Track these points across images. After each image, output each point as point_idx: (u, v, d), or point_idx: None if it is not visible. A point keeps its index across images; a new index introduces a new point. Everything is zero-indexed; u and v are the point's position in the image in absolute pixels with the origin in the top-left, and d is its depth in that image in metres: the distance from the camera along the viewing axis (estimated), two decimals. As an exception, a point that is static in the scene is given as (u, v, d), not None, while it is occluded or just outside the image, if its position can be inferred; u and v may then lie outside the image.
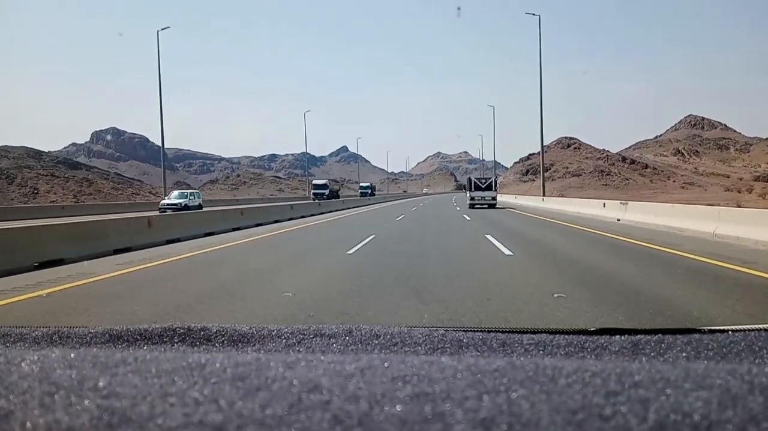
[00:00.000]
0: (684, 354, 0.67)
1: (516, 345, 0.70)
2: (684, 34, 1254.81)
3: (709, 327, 0.81)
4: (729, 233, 11.28)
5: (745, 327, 0.78)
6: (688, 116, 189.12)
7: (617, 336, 0.72)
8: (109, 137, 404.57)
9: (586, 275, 7.27)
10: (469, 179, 38.22)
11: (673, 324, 4.42)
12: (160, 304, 5.88)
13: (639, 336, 0.72)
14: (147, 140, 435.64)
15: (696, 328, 0.79)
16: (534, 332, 0.76)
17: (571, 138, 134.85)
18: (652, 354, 0.67)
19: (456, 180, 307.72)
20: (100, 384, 0.48)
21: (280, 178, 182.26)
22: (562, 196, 77.98)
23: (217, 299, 6.09)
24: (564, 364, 0.53)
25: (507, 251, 10.14)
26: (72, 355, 0.57)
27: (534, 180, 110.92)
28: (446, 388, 0.46)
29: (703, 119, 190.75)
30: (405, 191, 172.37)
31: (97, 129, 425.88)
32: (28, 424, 0.40)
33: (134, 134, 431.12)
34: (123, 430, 0.39)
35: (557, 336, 0.73)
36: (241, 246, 12.28)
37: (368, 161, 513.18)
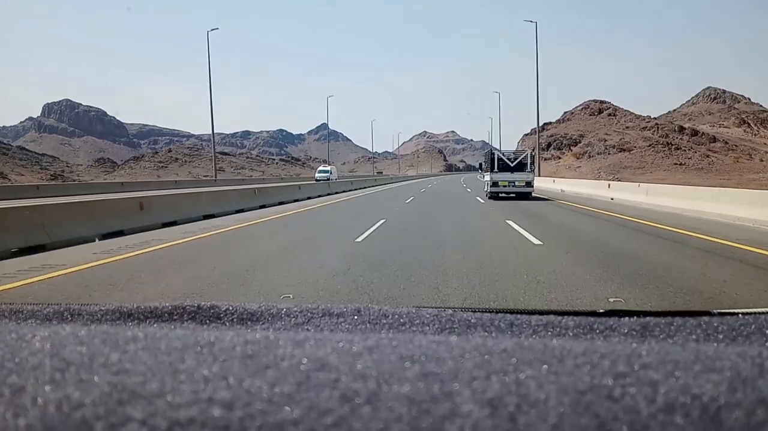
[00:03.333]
0: (693, 336, 0.66)
1: (524, 325, 0.70)
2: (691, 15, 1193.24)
3: (719, 310, 0.81)
4: None
5: (756, 309, 0.78)
6: (707, 88, 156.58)
7: (626, 318, 0.72)
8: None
9: None
10: (490, 154, 23.91)
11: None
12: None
13: (648, 318, 0.72)
14: (105, 113, 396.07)
15: (706, 311, 0.79)
16: (542, 313, 0.76)
17: (602, 102, 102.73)
18: (662, 336, 0.67)
19: (445, 160, 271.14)
20: (111, 360, 0.48)
21: (226, 154, 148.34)
22: (617, 179, 47.41)
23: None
24: (572, 345, 0.53)
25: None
26: (82, 332, 0.58)
27: (560, 158, 78.82)
28: (454, 368, 0.46)
29: (724, 91, 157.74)
30: (380, 173, 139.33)
31: (49, 101, 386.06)
32: (40, 400, 0.41)
33: (90, 106, 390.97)
34: (133, 406, 0.39)
35: (566, 317, 0.73)
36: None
37: (350, 140, 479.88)
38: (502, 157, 23.62)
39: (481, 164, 28.81)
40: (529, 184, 22.91)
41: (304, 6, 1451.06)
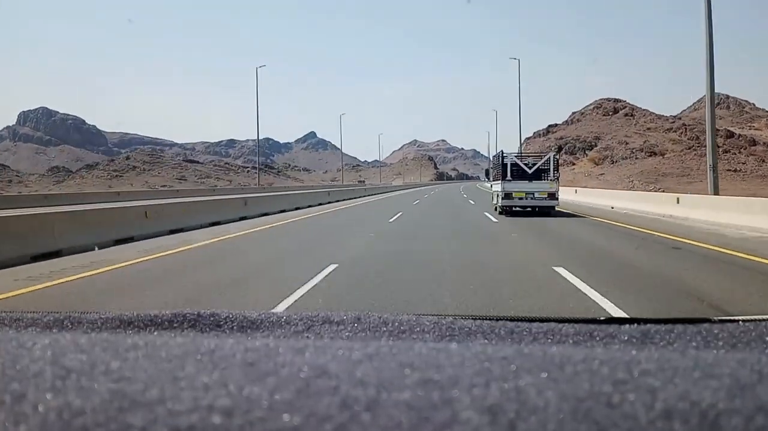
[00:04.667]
0: (693, 344, 0.66)
1: (524, 333, 0.69)
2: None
3: (719, 317, 0.80)
4: None
5: (756, 317, 0.77)
6: (716, 95, 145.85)
7: (626, 325, 0.72)
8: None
9: None
10: (500, 158, 19.24)
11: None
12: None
13: (648, 326, 0.71)
14: (83, 121, 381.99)
15: (706, 318, 0.79)
16: (542, 320, 0.76)
17: (617, 100, 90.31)
18: (662, 343, 0.67)
19: (436, 167, 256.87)
20: (111, 368, 0.48)
21: (194, 161, 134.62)
22: (660, 190, 33.51)
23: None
24: (572, 352, 0.52)
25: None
26: (83, 340, 0.58)
27: (574, 164, 66.13)
28: (454, 375, 0.46)
29: (727, 96, 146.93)
30: (361, 182, 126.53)
31: (25, 109, 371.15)
32: (40, 407, 0.41)
33: (67, 114, 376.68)
34: (133, 414, 0.39)
35: (566, 324, 0.72)
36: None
37: (338, 149, 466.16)
38: (518, 162, 18.87)
39: (488, 171, 23.15)
40: (553, 196, 18.44)
41: (293, 13, 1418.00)
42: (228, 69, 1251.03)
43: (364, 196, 42.12)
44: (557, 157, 19.73)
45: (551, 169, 18.58)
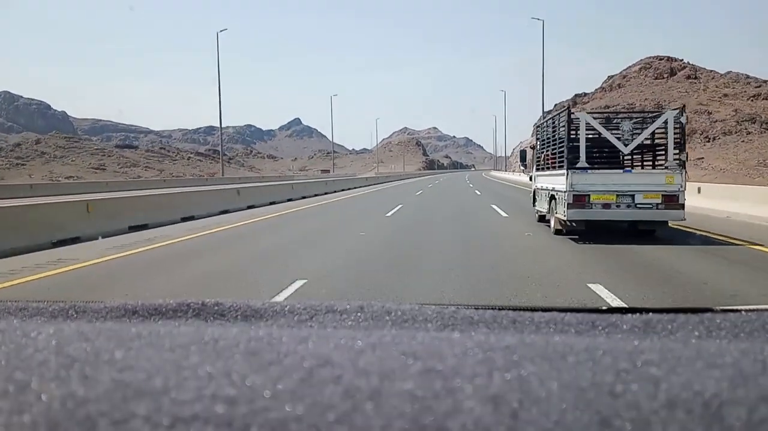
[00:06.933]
0: (696, 333, 0.66)
1: (527, 322, 0.70)
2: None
3: (722, 307, 0.80)
4: None
5: (759, 306, 0.78)
6: (728, 73, 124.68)
7: (628, 315, 0.72)
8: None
9: None
10: (567, 122, 9.22)
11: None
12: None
13: (650, 315, 0.72)
14: (48, 106, 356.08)
15: (709, 307, 0.79)
16: (545, 310, 0.76)
17: (672, 59, 68.65)
18: (664, 332, 0.67)
19: (425, 154, 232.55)
20: (115, 357, 0.48)
21: (129, 147, 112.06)
22: None
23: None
24: (574, 342, 0.53)
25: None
26: (87, 329, 0.58)
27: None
28: (456, 364, 0.46)
29: (747, 75, 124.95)
30: (326, 171, 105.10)
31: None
32: (45, 396, 0.41)
33: (31, 99, 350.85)
34: (137, 403, 0.40)
35: (568, 314, 0.73)
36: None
37: (324, 136, 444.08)
38: (600, 129, 9.46)
39: (523, 153, 13.50)
40: (674, 199, 8.99)
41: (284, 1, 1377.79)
42: (211, 57, 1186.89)
43: (294, 199, 21.96)
44: (682, 119, 9.21)
45: (669, 144, 9.18)
